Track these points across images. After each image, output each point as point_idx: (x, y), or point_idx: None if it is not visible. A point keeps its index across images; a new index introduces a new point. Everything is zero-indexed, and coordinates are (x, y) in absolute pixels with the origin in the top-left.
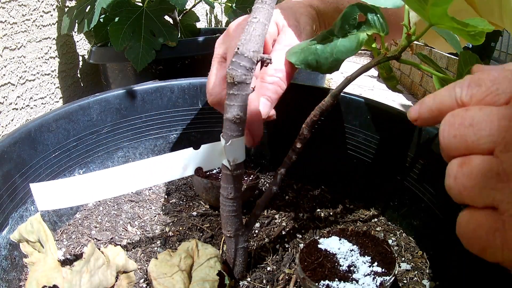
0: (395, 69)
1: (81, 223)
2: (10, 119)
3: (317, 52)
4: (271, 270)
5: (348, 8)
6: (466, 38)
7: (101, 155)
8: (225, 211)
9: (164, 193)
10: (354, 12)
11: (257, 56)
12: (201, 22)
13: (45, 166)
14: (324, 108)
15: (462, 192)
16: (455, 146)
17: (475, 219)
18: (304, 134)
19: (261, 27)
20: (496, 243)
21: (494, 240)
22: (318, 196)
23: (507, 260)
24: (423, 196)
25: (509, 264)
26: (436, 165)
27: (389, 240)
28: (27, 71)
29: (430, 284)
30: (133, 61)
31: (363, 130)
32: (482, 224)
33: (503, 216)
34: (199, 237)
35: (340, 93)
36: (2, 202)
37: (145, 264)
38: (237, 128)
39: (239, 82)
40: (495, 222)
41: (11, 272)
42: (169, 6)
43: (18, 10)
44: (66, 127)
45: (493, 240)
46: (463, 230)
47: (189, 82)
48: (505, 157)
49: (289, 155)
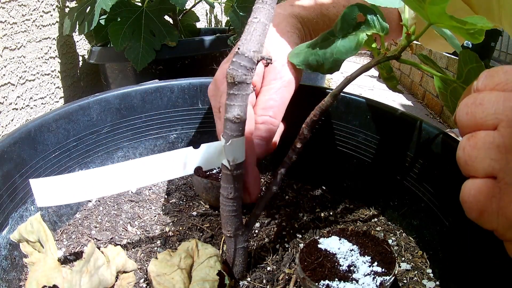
0: (395, 69)
1: (81, 223)
2: (10, 119)
3: (317, 53)
4: (271, 270)
5: (347, 8)
6: (465, 36)
7: (101, 155)
8: (225, 211)
9: (164, 193)
10: (354, 13)
11: (257, 56)
12: (201, 22)
13: (45, 166)
14: (324, 108)
15: (468, 161)
16: (467, 123)
17: (476, 185)
18: (304, 134)
19: (262, 27)
20: (492, 208)
21: (491, 205)
22: (318, 196)
23: (501, 226)
24: (423, 196)
25: (502, 232)
26: (436, 165)
27: (389, 240)
28: (27, 71)
29: (430, 284)
30: (133, 61)
31: (363, 130)
32: (481, 191)
33: (499, 184)
34: (199, 237)
35: (340, 93)
36: (2, 202)
37: (145, 264)
38: (237, 128)
39: (239, 82)
40: (492, 189)
41: (11, 272)
42: (169, 6)
43: (18, 10)
44: (66, 127)
45: (490, 205)
46: (466, 196)
47: (189, 82)
48: (506, 132)
49: (289, 155)
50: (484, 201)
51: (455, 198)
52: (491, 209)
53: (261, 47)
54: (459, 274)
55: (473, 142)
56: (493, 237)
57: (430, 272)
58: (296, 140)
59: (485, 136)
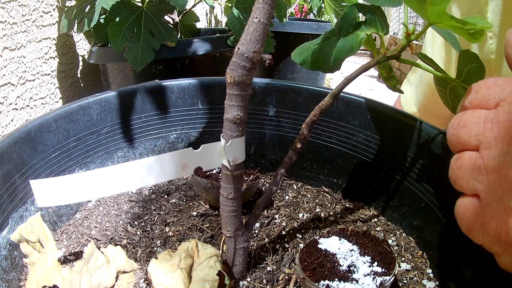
0: (395, 69)
1: (81, 223)
2: (10, 119)
3: (319, 51)
4: (271, 270)
5: (347, 8)
6: (466, 36)
7: (101, 155)
8: (225, 211)
9: (164, 193)
10: (354, 12)
11: (257, 56)
12: (201, 22)
13: (45, 166)
14: (324, 107)
15: (456, 181)
16: (454, 143)
17: (464, 204)
18: (304, 134)
19: (262, 27)
20: (477, 224)
21: (476, 222)
22: (318, 196)
23: (486, 241)
24: (423, 196)
25: (488, 246)
26: (436, 165)
27: (389, 240)
28: (27, 71)
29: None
30: (132, 62)
31: (363, 130)
32: (468, 209)
33: (481, 203)
34: (199, 237)
35: (339, 93)
36: (2, 202)
37: (145, 264)
38: (237, 128)
39: (239, 82)
40: (477, 208)
41: (11, 272)
42: (169, 6)
43: (18, 10)
44: (66, 127)
45: (475, 222)
46: (457, 212)
47: (189, 82)
48: (485, 154)
49: (289, 155)
50: (470, 218)
51: (455, 198)
52: (477, 226)
53: (262, 47)
54: (459, 273)
55: (459, 163)
56: None
57: (430, 272)
58: (296, 140)
59: (469, 157)
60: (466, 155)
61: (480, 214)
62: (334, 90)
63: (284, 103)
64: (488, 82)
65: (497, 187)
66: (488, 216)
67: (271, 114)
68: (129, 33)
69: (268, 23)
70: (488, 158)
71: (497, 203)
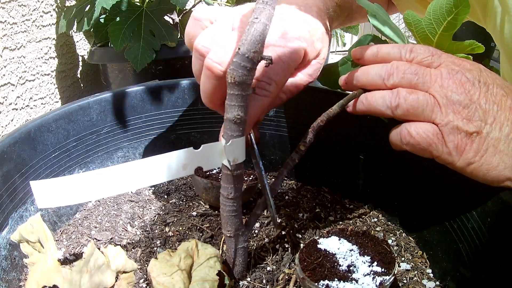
0: None
1: (81, 223)
2: (10, 119)
3: (337, 72)
4: (271, 270)
5: (362, 36)
6: (464, 56)
7: (101, 155)
8: (225, 211)
9: (164, 193)
10: (366, 40)
11: (257, 56)
12: None
13: (45, 166)
14: (331, 115)
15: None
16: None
17: (426, 127)
18: (309, 137)
19: (262, 28)
20: (437, 141)
21: (437, 140)
22: (318, 196)
23: (444, 154)
24: (423, 196)
25: (445, 157)
26: (436, 165)
27: (389, 240)
28: (27, 71)
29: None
30: (132, 62)
31: (363, 130)
32: (429, 129)
33: (439, 126)
34: (199, 237)
35: (347, 103)
36: (2, 202)
37: (145, 264)
38: (237, 128)
39: (239, 82)
40: (436, 129)
41: (11, 272)
42: (169, 6)
43: (18, 10)
44: (66, 127)
45: (435, 140)
46: (414, 135)
47: (189, 82)
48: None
49: (292, 157)
50: (432, 137)
51: (455, 198)
52: (436, 142)
53: (262, 47)
54: (459, 274)
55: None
56: (493, 237)
57: (430, 272)
58: (300, 143)
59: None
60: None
61: (439, 133)
62: (341, 100)
63: (284, 103)
64: (428, 48)
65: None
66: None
67: (271, 114)
68: (129, 32)
69: (269, 23)
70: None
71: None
